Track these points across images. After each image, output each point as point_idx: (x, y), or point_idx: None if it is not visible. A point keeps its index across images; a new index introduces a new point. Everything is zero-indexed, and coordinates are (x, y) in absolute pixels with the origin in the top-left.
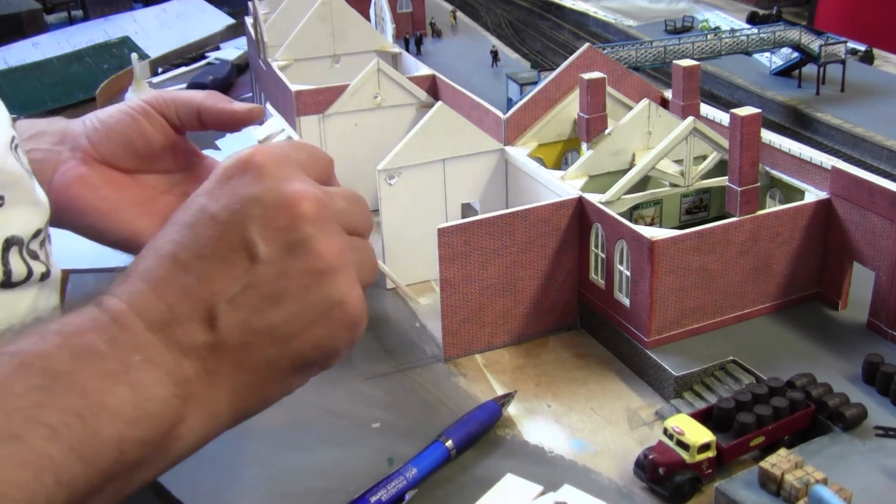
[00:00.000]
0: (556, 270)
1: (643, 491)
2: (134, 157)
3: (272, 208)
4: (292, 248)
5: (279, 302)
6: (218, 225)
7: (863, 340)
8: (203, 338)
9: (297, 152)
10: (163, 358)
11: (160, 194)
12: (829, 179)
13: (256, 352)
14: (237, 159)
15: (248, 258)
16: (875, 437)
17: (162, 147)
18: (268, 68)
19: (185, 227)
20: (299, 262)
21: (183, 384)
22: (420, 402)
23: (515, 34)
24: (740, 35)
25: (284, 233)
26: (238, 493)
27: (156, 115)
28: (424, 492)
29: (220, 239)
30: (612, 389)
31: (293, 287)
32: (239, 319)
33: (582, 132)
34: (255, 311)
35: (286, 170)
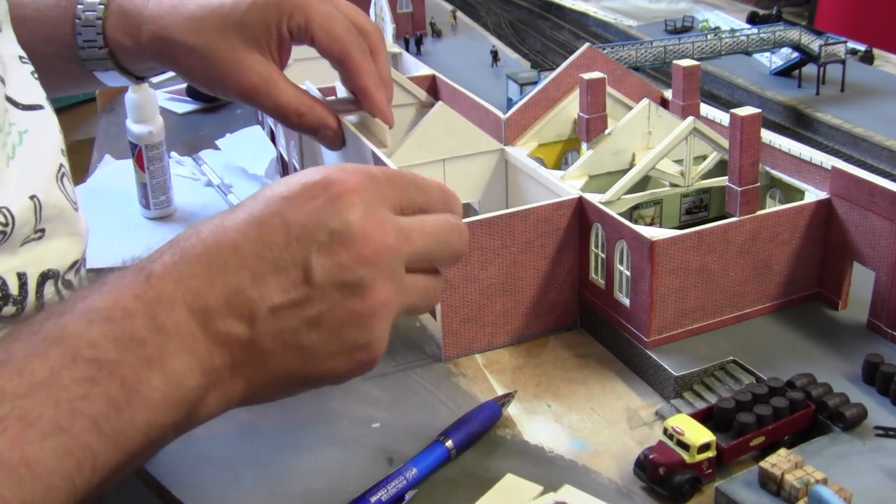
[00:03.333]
0: (556, 270)
1: (643, 491)
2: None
3: (339, 243)
4: (344, 287)
5: (315, 327)
6: (288, 236)
7: (863, 340)
8: (240, 334)
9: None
10: (197, 347)
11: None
12: (829, 179)
13: (280, 361)
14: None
15: (303, 279)
16: (875, 437)
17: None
18: None
19: (257, 223)
20: (346, 301)
21: (210, 374)
22: (420, 402)
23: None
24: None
25: (342, 270)
26: (238, 494)
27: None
28: (424, 492)
29: (284, 248)
30: (612, 389)
31: (332, 319)
32: (275, 329)
33: (582, 132)
34: (292, 327)
35: (367, 206)
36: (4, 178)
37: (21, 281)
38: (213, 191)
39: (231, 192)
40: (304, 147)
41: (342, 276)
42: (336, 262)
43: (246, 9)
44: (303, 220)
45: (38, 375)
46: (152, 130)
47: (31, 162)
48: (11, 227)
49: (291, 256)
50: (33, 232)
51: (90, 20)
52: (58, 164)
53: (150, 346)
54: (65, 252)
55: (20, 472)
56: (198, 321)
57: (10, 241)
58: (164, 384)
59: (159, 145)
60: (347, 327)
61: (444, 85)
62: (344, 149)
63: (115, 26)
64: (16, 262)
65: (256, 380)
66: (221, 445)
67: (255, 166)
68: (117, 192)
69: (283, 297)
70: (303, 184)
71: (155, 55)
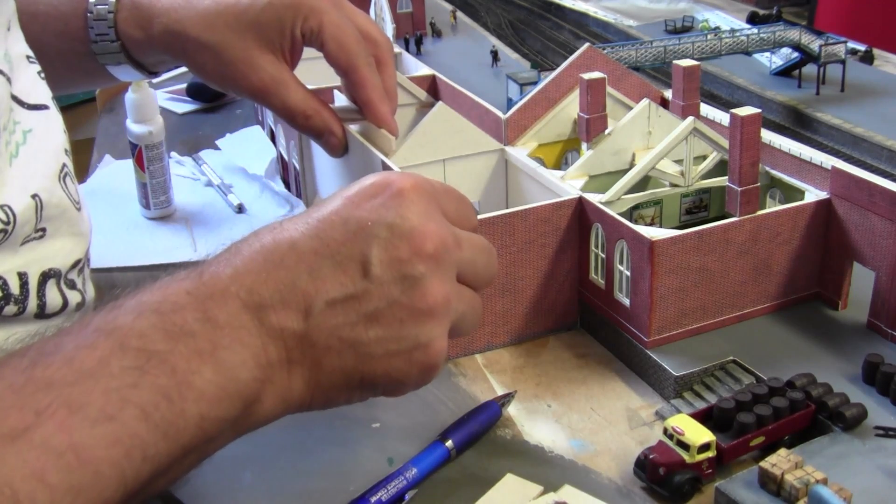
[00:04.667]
0: (556, 270)
1: (643, 491)
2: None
3: (399, 237)
4: (403, 281)
5: (372, 323)
6: (346, 232)
7: (863, 340)
8: (294, 327)
9: (443, 192)
10: (251, 339)
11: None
12: (829, 179)
13: (336, 358)
14: (386, 179)
15: (361, 273)
16: (875, 437)
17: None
18: None
19: (314, 221)
20: (404, 296)
21: (265, 368)
22: (420, 402)
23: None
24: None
25: (401, 264)
26: (238, 494)
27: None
28: (424, 492)
29: (342, 244)
30: (612, 389)
31: (390, 315)
32: (331, 323)
33: (582, 132)
34: (350, 322)
35: (426, 205)
36: (7, 176)
37: (22, 280)
38: (213, 191)
39: (231, 192)
40: (304, 148)
41: (401, 271)
42: (395, 256)
43: (262, 8)
44: (362, 216)
45: (87, 364)
46: (152, 130)
47: (33, 161)
48: (13, 226)
49: (349, 251)
50: (34, 231)
51: (102, 14)
52: (61, 164)
53: (200, 339)
54: (67, 251)
55: (68, 458)
56: (251, 315)
57: (10, 240)
58: (217, 376)
59: (159, 145)
60: (406, 324)
61: (444, 85)
62: (348, 156)
63: (126, 19)
64: (17, 261)
65: (313, 378)
66: None
67: (255, 166)
68: (117, 192)
69: (340, 290)
70: (362, 185)
71: (166, 48)
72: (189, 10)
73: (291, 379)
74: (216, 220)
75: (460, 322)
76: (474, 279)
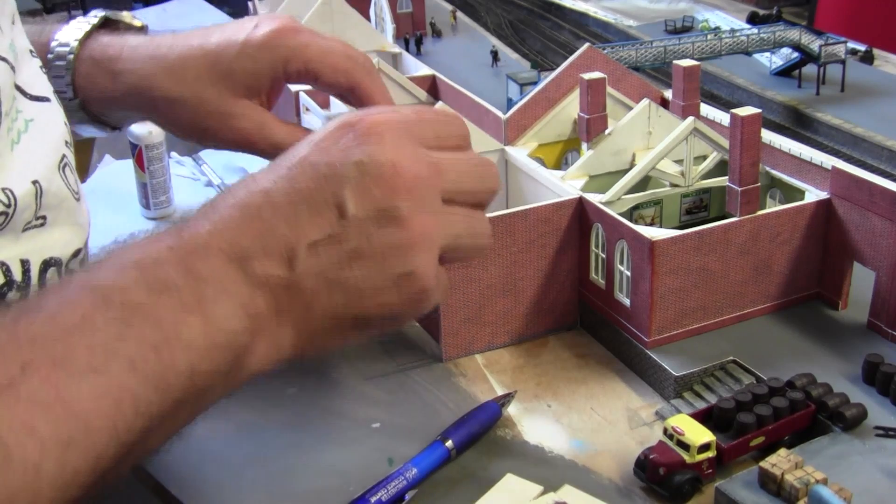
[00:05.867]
0: (557, 270)
1: (643, 491)
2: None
3: (371, 175)
4: (380, 217)
5: (356, 261)
6: (317, 176)
7: (863, 340)
8: (279, 275)
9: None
10: (238, 289)
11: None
12: (829, 179)
13: (325, 301)
14: (351, 119)
15: (338, 214)
16: (875, 437)
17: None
18: None
19: (285, 170)
20: (383, 231)
21: (254, 317)
22: (420, 402)
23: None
24: (740, 35)
25: (376, 202)
26: (238, 493)
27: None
28: (424, 492)
29: (314, 189)
30: (612, 389)
31: (372, 251)
32: (316, 266)
33: (582, 132)
34: (333, 263)
35: (396, 139)
36: (8, 161)
37: (24, 268)
38: (213, 191)
39: None
40: None
41: (377, 207)
42: (369, 194)
43: (235, 56)
44: (330, 159)
45: (70, 319)
46: (152, 130)
47: (34, 149)
48: (13, 209)
49: (323, 195)
50: (34, 218)
51: (60, 69)
52: (61, 155)
53: (185, 292)
54: (66, 241)
55: (56, 410)
56: (235, 267)
57: (11, 226)
58: (206, 326)
59: (159, 145)
60: (389, 258)
61: (444, 85)
62: None
63: (86, 77)
64: (19, 248)
65: (304, 325)
66: (221, 445)
67: (255, 166)
68: (117, 192)
69: (319, 234)
70: (328, 128)
71: (134, 106)
72: (155, 65)
73: (282, 328)
74: None
75: (456, 246)
76: (466, 200)
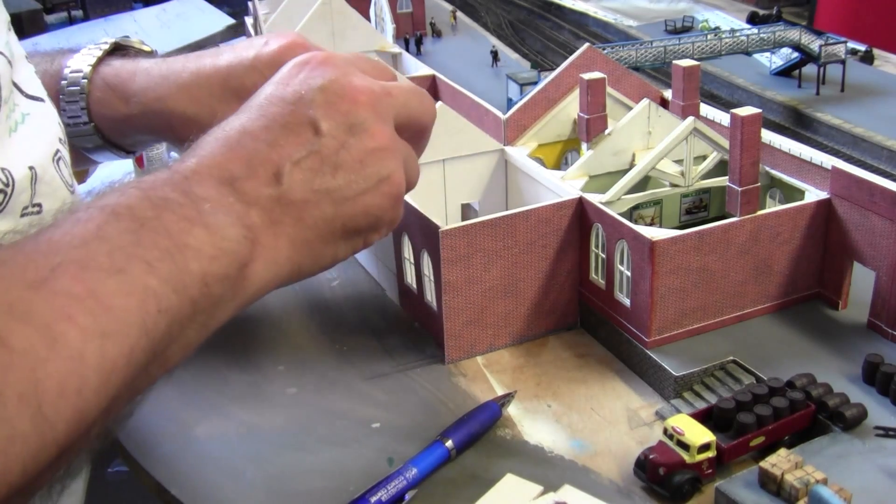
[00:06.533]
0: (557, 271)
1: (643, 491)
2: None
3: (335, 95)
4: (351, 129)
5: (338, 169)
6: (285, 104)
7: (863, 340)
8: (269, 191)
9: (354, 59)
10: (232, 206)
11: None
12: (830, 179)
13: (315, 209)
14: (305, 56)
15: (313, 131)
16: (875, 437)
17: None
18: None
19: (254, 108)
20: (357, 140)
21: (250, 229)
22: (420, 402)
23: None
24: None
25: (344, 115)
26: (238, 493)
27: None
28: (424, 492)
29: (287, 115)
30: (612, 389)
31: (350, 159)
32: (302, 178)
33: (582, 132)
34: (317, 173)
35: (346, 67)
36: (6, 145)
37: None
38: None
39: None
40: None
41: (346, 121)
42: (337, 110)
43: (245, 72)
44: (294, 90)
45: (88, 230)
46: None
47: (31, 138)
48: (11, 189)
49: (296, 118)
50: (31, 204)
51: (73, 95)
52: (55, 148)
53: (185, 208)
54: None
55: (90, 303)
56: (227, 188)
57: (10, 208)
58: (209, 235)
59: (159, 145)
60: (366, 163)
61: (444, 85)
62: None
63: (100, 100)
64: (18, 230)
65: (298, 235)
66: (221, 445)
67: None
68: None
69: (300, 150)
70: (286, 68)
71: (149, 128)
72: (168, 85)
73: (278, 240)
74: None
75: (406, 168)
76: (410, 121)
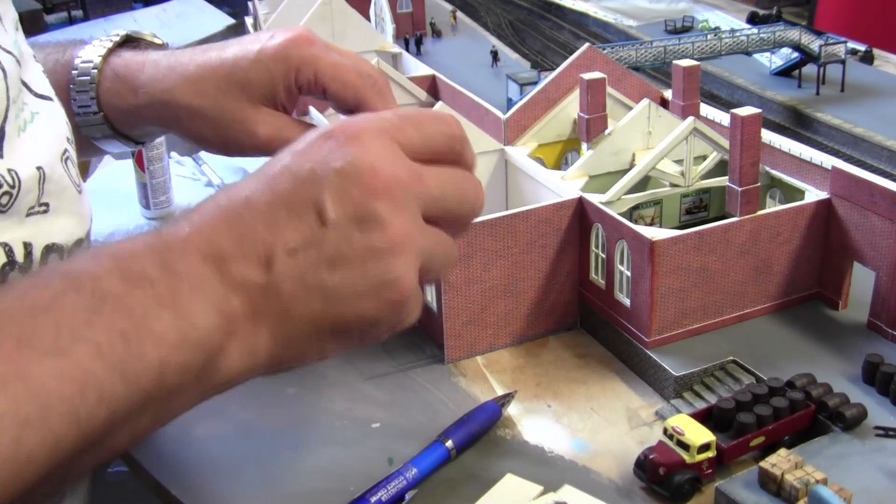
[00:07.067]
0: (557, 271)
1: (643, 491)
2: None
3: (349, 179)
4: (360, 221)
5: (336, 266)
6: (296, 181)
7: (863, 340)
8: (256, 278)
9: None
10: (213, 290)
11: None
12: (830, 179)
13: (303, 305)
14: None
15: (317, 218)
16: (875, 437)
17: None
18: None
19: (265, 178)
20: (364, 235)
21: (228, 318)
22: (420, 402)
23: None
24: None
25: (355, 205)
26: (238, 493)
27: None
28: (424, 492)
29: (293, 193)
30: (612, 389)
31: (352, 256)
32: (294, 270)
33: (582, 132)
34: (312, 267)
35: (376, 144)
36: (15, 145)
37: (27, 250)
38: (213, 191)
39: None
40: None
41: (356, 212)
42: (347, 198)
43: (249, 65)
44: (311, 165)
45: (39, 301)
46: None
47: (39, 138)
48: (17, 190)
49: (302, 199)
50: (38, 203)
51: (84, 85)
52: (63, 147)
53: (159, 286)
54: (69, 230)
55: (15, 388)
56: (211, 267)
57: (15, 208)
58: (177, 321)
59: (159, 145)
60: (369, 264)
61: (444, 85)
62: None
63: (109, 90)
64: (22, 231)
65: (281, 330)
66: (221, 445)
67: (255, 166)
68: (117, 192)
69: (298, 238)
70: (308, 139)
71: (156, 119)
72: (175, 77)
73: (257, 331)
74: None
75: (429, 262)
76: (446, 214)
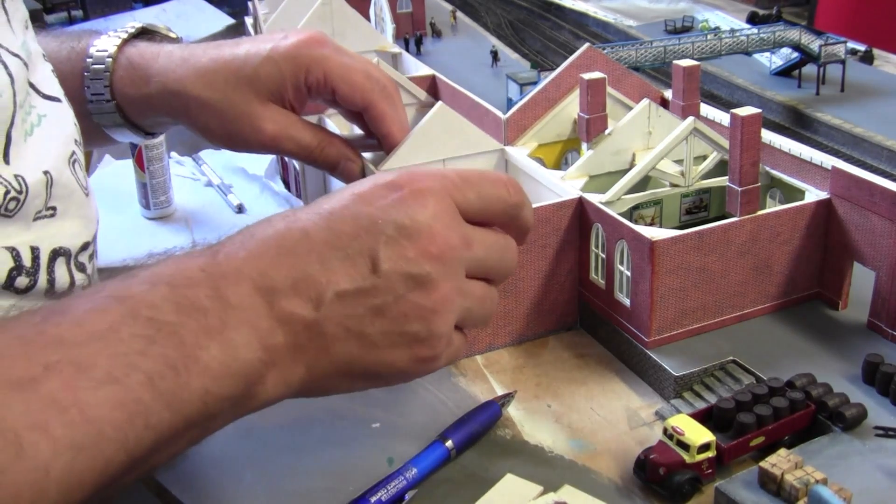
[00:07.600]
0: (557, 270)
1: (643, 491)
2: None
3: (406, 237)
4: (409, 279)
5: (378, 316)
6: (356, 226)
7: (863, 340)
8: (304, 314)
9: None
10: (260, 322)
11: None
12: (830, 179)
13: (342, 347)
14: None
15: (370, 268)
16: (875, 437)
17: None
18: None
19: (326, 213)
20: (410, 293)
21: (270, 351)
22: (420, 402)
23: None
24: (740, 35)
25: (408, 263)
26: (238, 494)
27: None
28: (424, 492)
29: (353, 238)
30: (612, 389)
31: (395, 310)
32: (340, 313)
33: (582, 132)
34: (357, 313)
35: (437, 205)
36: (22, 150)
37: (34, 254)
38: (213, 191)
39: (231, 192)
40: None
41: (407, 269)
42: (402, 255)
43: (260, 62)
44: (372, 214)
45: (97, 327)
46: None
47: (46, 142)
48: (25, 196)
49: (360, 246)
50: (45, 208)
51: (98, 73)
52: (70, 150)
53: (210, 316)
54: (76, 233)
55: (72, 414)
56: (263, 298)
57: (23, 213)
58: (222, 353)
59: (159, 145)
60: (410, 319)
61: (444, 85)
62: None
63: (122, 79)
64: (30, 235)
65: (317, 366)
66: (221, 445)
67: (255, 166)
68: (117, 192)
69: (349, 283)
70: (376, 183)
71: (166, 109)
72: (187, 68)
73: (295, 365)
74: (216, 220)
75: (466, 316)
76: (487, 275)
